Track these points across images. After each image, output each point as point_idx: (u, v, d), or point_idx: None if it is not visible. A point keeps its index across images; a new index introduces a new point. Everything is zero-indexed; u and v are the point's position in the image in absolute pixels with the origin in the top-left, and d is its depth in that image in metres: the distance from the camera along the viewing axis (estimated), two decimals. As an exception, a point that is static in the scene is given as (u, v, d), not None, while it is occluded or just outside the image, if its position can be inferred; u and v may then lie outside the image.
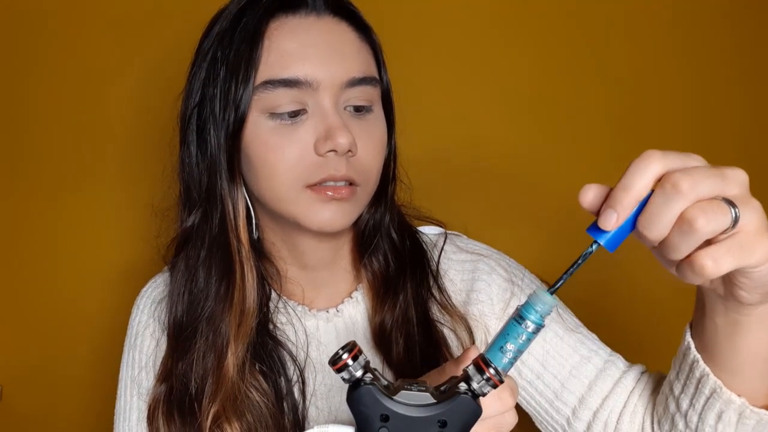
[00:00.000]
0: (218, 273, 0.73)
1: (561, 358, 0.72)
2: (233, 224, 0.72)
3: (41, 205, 1.21)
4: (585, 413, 0.70)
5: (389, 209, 0.79)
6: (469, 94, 1.20)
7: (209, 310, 0.73)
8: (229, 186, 0.72)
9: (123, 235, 1.20)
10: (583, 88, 1.20)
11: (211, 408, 0.70)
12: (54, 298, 1.22)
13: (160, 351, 0.77)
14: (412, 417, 0.45)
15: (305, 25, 0.69)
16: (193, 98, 0.73)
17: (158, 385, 0.75)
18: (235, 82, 0.68)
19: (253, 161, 0.70)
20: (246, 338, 0.72)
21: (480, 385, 0.45)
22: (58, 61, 1.18)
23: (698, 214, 0.41)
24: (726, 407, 0.54)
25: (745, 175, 0.44)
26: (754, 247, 0.42)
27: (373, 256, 0.78)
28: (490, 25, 1.19)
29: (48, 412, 1.24)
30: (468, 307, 0.78)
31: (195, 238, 0.75)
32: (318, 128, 0.68)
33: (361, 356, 0.46)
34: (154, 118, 0.79)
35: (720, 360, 0.54)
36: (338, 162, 0.67)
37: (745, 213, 0.42)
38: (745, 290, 0.46)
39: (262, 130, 0.68)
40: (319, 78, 0.67)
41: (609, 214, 0.43)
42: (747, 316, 0.49)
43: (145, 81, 1.17)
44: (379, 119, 0.74)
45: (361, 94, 0.70)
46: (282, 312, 0.79)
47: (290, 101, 0.67)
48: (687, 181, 0.41)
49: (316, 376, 0.77)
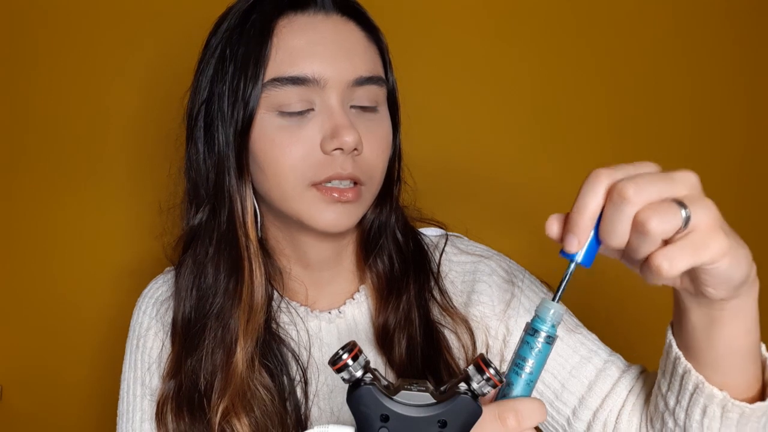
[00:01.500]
0: (227, 269, 0.73)
1: (561, 358, 0.71)
2: (242, 221, 0.72)
3: (43, 204, 1.20)
4: (585, 413, 0.69)
5: (394, 210, 0.79)
6: (474, 97, 1.20)
7: (218, 306, 0.73)
8: (237, 183, 0.71)
9: (124, 234, 1.20)
10: (586, 92, 1.20)
11: (221, 403, 0.70)
12: (54, 298, 1.21)
13: (165, 351, 0.77)
14: (412, 417, 0.44)
15: (313, 23, 0.69)
16: (201, 95, 0.73)
17: (166, 383, 0.74)
18: (244, 80, 0.68)
19: (260, 158, 0.69)
20: (254, 334, 0.72)
21: (480, 385, 0.44)
22: (62, 58, 1.18)
23: (649, 216, 0.42)
24: (709, 402, 0.54)
25: (695, 177, 0.45)
26: (708, 244, 0.43)
27: (378, 257, 0.78)
28: (497, 30, 1.19)
29: (48, 412, 1.24)
30: (469, 309, 0.78)
31: (203, 235, 0.75)
32: (324, 126, 0.67)
33: (361, 356, 0.46)
34: (158, 115, 0.78)
35: (700, 356, 0.54)
36: (344, 160, 0.67)
37: (696, 212, 0.42)
38: (710, 287, 0.47)
39: (269, 128, 0.68)
40: (326, 76, 0.67)
41: (570, 239, 0.45)
42: (720, 311, 0.50)
43: (150, 78, 1.17)
44: (385, 119, 0.73)
45: (368, 94, 0.70)
46: (284, 312, 0.78)
47: (299, 100, 0.67)
48: (631, 187, 0.42)
49: (318, 377, 0.76)
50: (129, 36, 1.18)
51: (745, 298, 0.49)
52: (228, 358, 0.71)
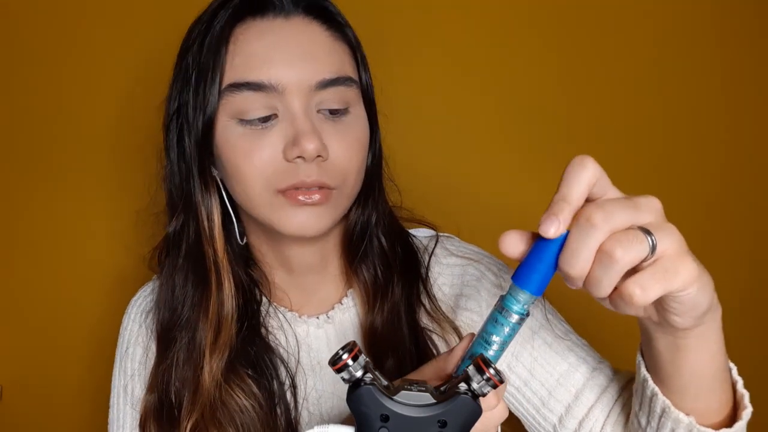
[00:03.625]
0: (194, 280, 0.72)
1: (549, 366, 0.71)
2: (207, 232, 0.71)
3: (43, 204, 1.19)
4: (571, 422, 0.69)
5: (376, 210, 0.77)
6: (464, 97, 1.20)
7: (185, 317, 0.72)
8: (202, 193, 0.70)
9: (124, 235, 1.19)
10: (578, 94, 1.20)
11: (190, 418, 0.68)
12: (54, 299, 1.20)
13: (150, 360, 0.76)
14: (412, 417, 0.44)
15: (272, 27, 0.67)
16: (172, 105, 0.72)
17: (147, 395, 0.73)
18: (203, 87, 0.66)
19: (226, 167, 0.68)
20: (225, 348, 0.70)
21: (480, 385, 0.44)
22: (45, 67, 1.16)
23: (615, 245, 0.40)
24: (676, 425, 0.54)
25: (659, 203, 0.43)
26: (678, 269, 0.42)
27: (363, 262, 0.76)
28: (487, 30, 1.19)
29: (48, 412, 1.23)
30: (457, 312, 0.77)
31: (174, 246, 0.74)
32: (287, 133, 0.65)
33: (361, 356, 0.45)
34: (153, 121, 0.78)
35: (667, 381, 0.54)
36: (308, 167, 0.65)
37: (662, 239, 0.41)
38: (677, 314, 0.46)
39: (232, 135, 0.66)
40: (284, 81, 0.65)
41: (551, 221, 0.42)
42: (684, 339, 0.49)
43: (134, 84, 1.15)
44: (358, 120, 0.71)
45: (336, 96, 0.67)
46: (273, 317, 0.78)
47: (260, 106, 0.65)
48: (600, 214, 0.41)
49: (306, 381, 0.76)
50: (112, 41, 1.16)
51: (708, 325, 0.48)
52: (195, 371, 0.70)
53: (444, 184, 1.20)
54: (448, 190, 1.20)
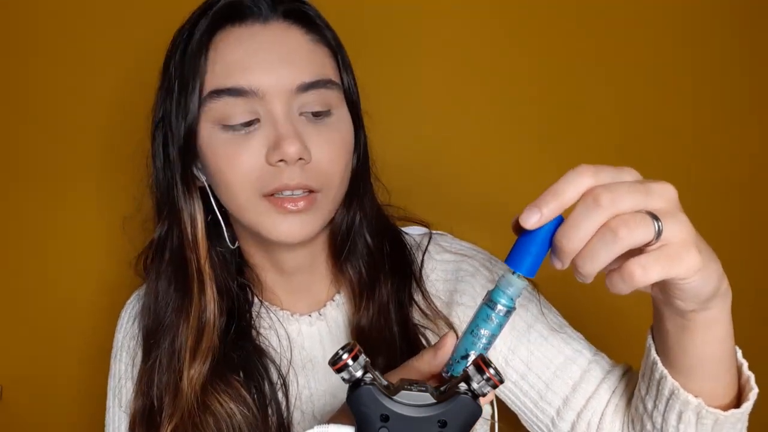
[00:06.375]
0: (176, 286, 0.72)
1: (545, 359, 0.70)
2: (190, 238, 0.71)
3: (44, 204, 1.17)
4: (569, 414, 0.68)
5: (361, 210, 0.76)
6: (453, 95, 1.19)
7: (167, 323, 0.72)
8: (184, 199, 0.70)
9: (124, 236, 1.17)
10: (567, 90, 1.19)
11: (170, 424, 0.68)
12: (54, 299, 1.19)
13: (137, 364, 0.76)
14: (412, 417, 0.44)
15: (250, 33, 0.67)
16: (158, 113, 0.72)
17: (135, 399, 0.73)
18: (185, 95, 0.66)
19: (211, 173, 0.68)
20: (208, 353, 0.70)
21: (480, 385, 0.44)
22: (35, 73, 1.14)
23: (620, 224, 0.40)
24: (684, 408, 0.54)
25: (673, 191, 0.43)
26: (682, 258, 0.42)
27: (351, 259, 0.76)
28: (472, 29, 1.18)
29: (48, 412, 1.21)
30: (451, 308, 0.76)
31: (159, 251, 0.74)
32: (269, 137, 0.65)
33: (361, 356, 0.45)
34: (143, 128, 0.78)
35: (675, 362, 0.54)
36: (291, 171, 0.65)
37: (669, 226, 0.41)
38: (679, 299, 0.46)
39: (216, 142, 0.66)
40: (264, 86, 0.65)
41: (532, 211, 0.42)
42: (690, 321, 0.50)
43: (124, 92, 1.14)
44: (342, 121, 0.70)
45: (317, 98, 0.67)
46: (264, 317, 0.77)
47: (242, 111, 0.65)
48: (607, 196, 0.41)
49: (298, 380, 0.75)
50: (105, 43, 1.15)
51: (716, 310, 0.49)
52: (175, 377, 0.70)
53: (436, 183, 1.19)
54: (439, 189, 1.19)
